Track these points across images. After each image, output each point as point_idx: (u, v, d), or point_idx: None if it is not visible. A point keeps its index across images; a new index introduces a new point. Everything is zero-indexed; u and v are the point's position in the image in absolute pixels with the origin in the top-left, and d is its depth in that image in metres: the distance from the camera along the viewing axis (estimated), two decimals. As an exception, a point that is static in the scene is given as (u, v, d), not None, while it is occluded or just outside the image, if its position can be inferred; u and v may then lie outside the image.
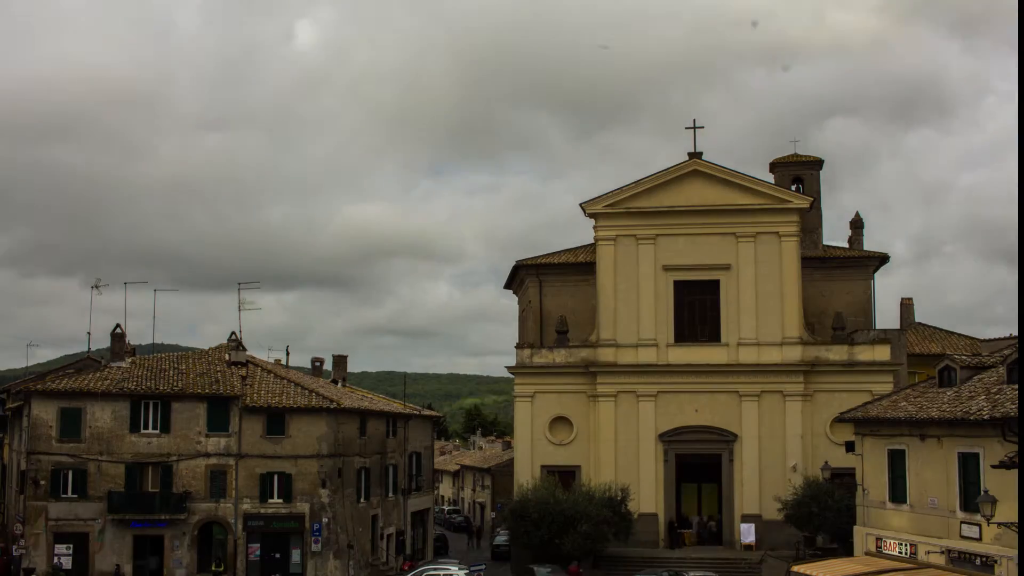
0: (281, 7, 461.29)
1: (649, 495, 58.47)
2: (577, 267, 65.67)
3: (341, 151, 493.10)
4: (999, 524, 29.01)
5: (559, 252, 68.78)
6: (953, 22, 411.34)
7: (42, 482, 50.78)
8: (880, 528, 37.90)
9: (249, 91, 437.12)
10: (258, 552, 51.79)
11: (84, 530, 50.87)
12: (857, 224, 68.96)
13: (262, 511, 51.75)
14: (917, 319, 69.27)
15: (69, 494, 50.93)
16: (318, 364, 67.88)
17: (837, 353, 58.85)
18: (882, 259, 66.23)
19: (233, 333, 57.77)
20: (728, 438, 58.80)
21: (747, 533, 56.48)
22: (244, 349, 57.38)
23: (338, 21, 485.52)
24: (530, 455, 60.45)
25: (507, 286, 77.38)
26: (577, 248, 68.39)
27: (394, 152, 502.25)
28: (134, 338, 60.28)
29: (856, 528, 39.87)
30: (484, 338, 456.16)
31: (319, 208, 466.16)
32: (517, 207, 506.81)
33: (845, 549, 43.16)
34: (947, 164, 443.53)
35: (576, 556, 51.72)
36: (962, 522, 33.18)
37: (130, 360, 55.93)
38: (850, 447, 41.12)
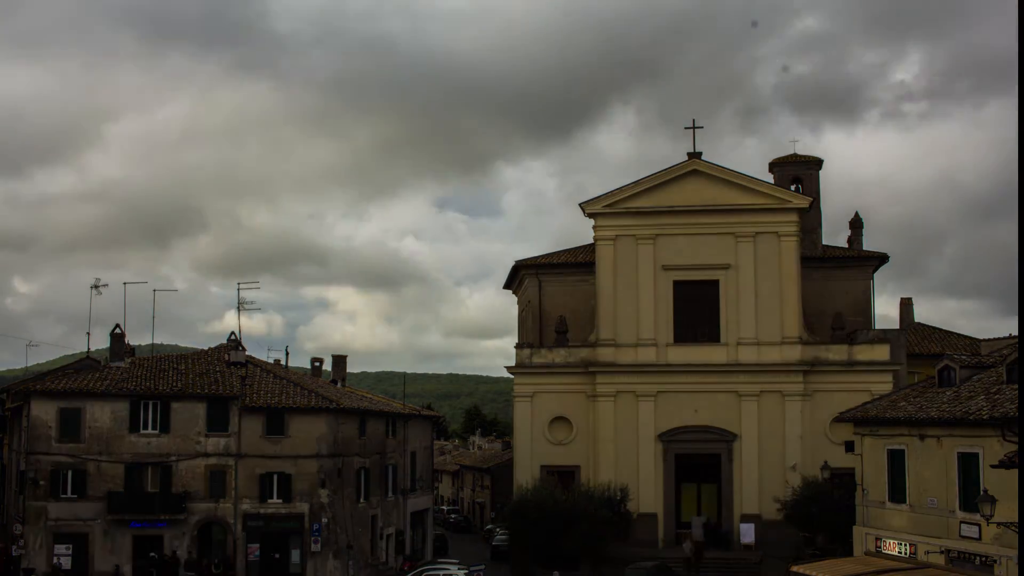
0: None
1: (648, 495, 58.48)
2: (577, 267, 65.68)
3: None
4: (998, 524, 29.01)
5: (559, 252, 68.83)
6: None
7: (41, 482, 50.67)
8: (879, 528, 37.90)
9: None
10: (258, 552, 51.73)
11: (84, 530, 50.78)
12: (857, 224, 68.97)
13: (262, 511, 51.68)
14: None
15: (68, 494, 50.77)
16: (317, 364, 67.81)
17: (836, 353, 58.88)
18: (881, 259, 66.25)
19: (232, 333, 57.84)
20: (727, 438, 58.81)
21: (747, 533, 56.47)
22: (243, 349, 57.36)
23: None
24: (530, 455, 60.48)
25: (507, 286, 77.36)
26: (577, 248, 68.40)
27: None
28: (133, 338, 60.29)
29: (855, 528, 39.88)
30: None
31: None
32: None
33: (844, 549, 43.11)
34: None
35: (575, 556, 51.72)
36: (961, 522, 33.19)
37: (129, 360, 55.88)
38: (849, 447, 41.18)
